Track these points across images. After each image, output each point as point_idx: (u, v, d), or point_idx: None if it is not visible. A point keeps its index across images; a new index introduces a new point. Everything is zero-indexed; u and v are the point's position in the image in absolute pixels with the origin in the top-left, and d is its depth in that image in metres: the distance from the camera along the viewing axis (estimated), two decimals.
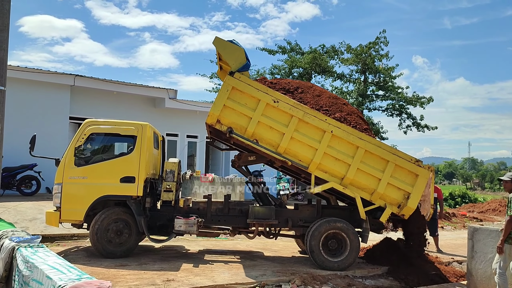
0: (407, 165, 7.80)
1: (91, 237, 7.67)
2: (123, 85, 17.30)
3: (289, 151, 7.74)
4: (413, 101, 28.31)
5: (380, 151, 7.79)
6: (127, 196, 7.79)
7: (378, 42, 27.79)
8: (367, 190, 7.85)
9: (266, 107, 7.61)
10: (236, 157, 8.51)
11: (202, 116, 20.05)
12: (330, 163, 7.76)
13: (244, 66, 7.66)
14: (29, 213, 10.73)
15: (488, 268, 6.76)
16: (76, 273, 3.73)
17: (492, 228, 6.90)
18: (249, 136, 7.64)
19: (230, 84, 7.55)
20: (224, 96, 7.55)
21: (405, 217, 7.91)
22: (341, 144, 7.74)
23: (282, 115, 7.65)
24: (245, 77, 7.64)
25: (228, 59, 7.73)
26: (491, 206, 18.82)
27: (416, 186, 7.80)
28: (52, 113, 15.62)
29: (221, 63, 8.61)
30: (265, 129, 7.67)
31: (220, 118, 7.59)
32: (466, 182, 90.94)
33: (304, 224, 8.19)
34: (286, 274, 7.20)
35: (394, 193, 7.83)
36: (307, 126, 7.69)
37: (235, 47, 7.72)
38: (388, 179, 7.76)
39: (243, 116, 7.63)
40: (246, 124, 7.62)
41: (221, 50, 7.84)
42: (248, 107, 7.62)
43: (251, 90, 7.59)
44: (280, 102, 7.63)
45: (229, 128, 7.57)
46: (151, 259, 7.90)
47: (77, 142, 7.87)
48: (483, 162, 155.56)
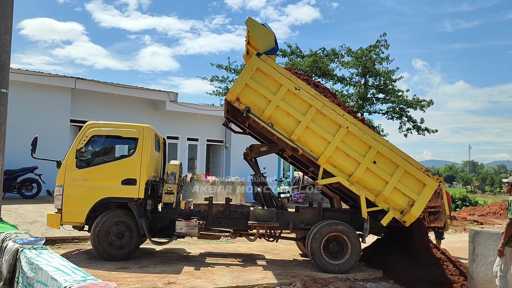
0: (416, 172, 7.82)
1: (92, 240, 7.67)
2: (124, 88, 17.32)
3: (301, 140, 7.78)
4: (413, 104, 28.34)
5: (392, 154, 7.81)
6: (129, 198, 7.80)
7: (378, 45, 27.84)
8: (373, 191, 7.86)
9: (287, 93, 7.67)
10: (248, 149, 8.54)
11: (203, 119, 20.14)
12: (341, 159, 7.80)
13: (272, 49, 7.76)
14: (30, 215, 10.73)
15: (489, 271, 6.76)
16: (81, 274, 3.73)
17: (493, 231, 6.92)
18: (265, 119, 7.68)
19: (256, 64, 7.60)
20: (247, 75, 7.61)
21: (406, 224, 7.89)
22: (354, 142, 7.79)
23: (301, 103, 7.71)
24: (271, 60, 7.72)
25: (257, 40, 7.80)
26: (492, 209, 18.80)
27: (422, 195, 7.81)
28: (53, 116, 15.62)
29: (248, 46, 8.69)
30: (282, 114, 7.72)
31: (240, 96, 7.65)
32: (466, 185, 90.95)
33: (305, 227, 8.18)
34: (287, 277, 7.19)
35: (399, 199, 7.84)
36: (324, 118, 7.74)
37: (266, 30, 7.81)
38: (395, 183, 7.77)
39: (262, 98, 7.68)
40: (264, 106, 7.68)
41: (252, 30, 7.91)
42: (269, 90, 7.67)
43: (275, 74, 7.65)
44: (301, 90, 7.69)
45: (246, 108, 7.60)
46: (152, 262, 7.90)
47: (78, 144, 7.88)
48: (484, 165, 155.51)
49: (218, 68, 35.34)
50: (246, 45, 8.83)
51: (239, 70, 35.43)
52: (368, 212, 7.79)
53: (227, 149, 20.85)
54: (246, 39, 8.63)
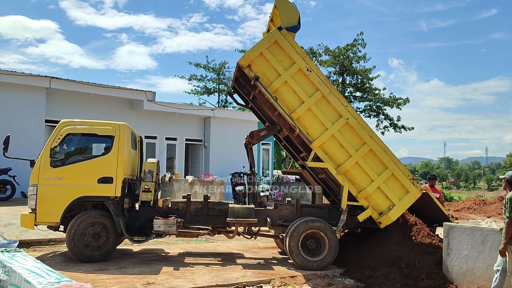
0: (403, 178, 7.98)
1: (68, 243, 7.52)
2: (100, 87, 17.04)
3: (300, 120, 7.89)
4: (390, 102, 28.76)
5: (383, 155, 7.95)
6: (105, 197, 7.68)
7: (355, 44, 28.12)
8: (357, 186, 7.98)
9: (298, 72, 7.81)
10: (248, 137, 8.64)
11: (181, 118, 20.01)
12: (334, 147, 7.94)
13: (293, 27, 7.88)
14: (4, 218, 10.49)
15: (463, 264, 6.91)
16: (55, 276, 3.68)
17: (467, 226, 7.06)
18: (271, 91, 7.77)
19: (275, 37, 7.72)
20: (264, 45, 7.71)
21: (381, 226, 8.02)
22: (351, 134, 7.93)
23: (309, 85, 7.85)
24: (290, 37, 7.82)
25: (282, 14, 7.88)
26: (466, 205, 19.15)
27: (403, 200, 7.98)
28: (27, 116, 15.28)
29: (271, 23, 8.73)
30: (288, 91, 7.83)
31: (252, 64, 7.73)
32: (442, 182, 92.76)
33: (284, 223, 8.21)
34: (266, 275, 7.20)
35: (381, 199, 7.98)
36: (327, 104, 7.89)
37: (293, 7, 7.92)
38: (380, 183, 7.92)
39: (273, 70, 7.78)
40: (273, 78, 7.78)
41: (280, 5, 7.96)
42: (281, 64, 7.78)
43: (290, 50, 7.76)
44: (312, 72, 7.82)
45: (256, 76, 7.68)
46: (131, 263, 7.80)
47: (52, 143, 7.72)
48: (458, 161, 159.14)
49: (196, 67, 35.27)
50: (269, 22, 8.89)
51: (217, 69, 35.34)
52: (347, 206, 7.87)
53: (206, 148, 20.77)
54: (270, 16, 8.71)
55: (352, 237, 9.06)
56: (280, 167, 32.86)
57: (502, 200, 14.12)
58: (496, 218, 12.18)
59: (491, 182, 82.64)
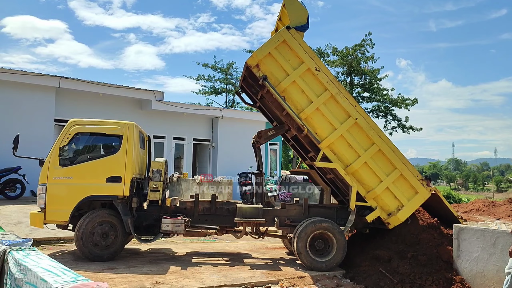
0: (412, 178, 7.92)
1: (77, 242, 7.55)
2: (109, 87, 17.13)
3: (309, 120, 7.86)
4: (398, 103, 28.59)
5: (392, 155, 7.90)
6: (113, 196, 7.69)
7: (364, 44, 27.99)
8: (366, 186, 7.93)
9: (306, 71, 7.78)
10: (256, 136, 8.60)
11: (189, 118, 20.03)
12: (342, 147, 7.90)
13: (302, 26, 7.87)
14: (14, 216, 10.56)
15: (474, 266, 6.84)
16: (71, 275, 3.67)
17: (478, 228, 6.98)
18: (279, 91, 7.75)
19: (283, 36, 7.70)
20: (273, 44, 7.69)
21: (389, 226, 7.97)
22: (360, 134, 7.90)
23: (317, 84, 7.83)
24: (299, 36, 7.80)
25: (290, 14, 7.87)
26: (475, 206, 18.96)
27: (412, 201, 7.93)
28: (37, 115, 15.41)
29: (279, 22, 8.72)
30: (296, 90, 7.81)
31: (260, 63, 7.71)
32: (450, 183, 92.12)
33: (292, 223, 8.18)
34: (275, 275, 7.17)
35: (389, 200, 7.92)
36: (336, 104, 7.86)
37: (301, 7, 7.91)
38: (389, 184, 7.87)
39: (282, 70, 7.77)
40: (281, 78, 7.76)
41: (288, 4, 7.97)
42: (290, 64, 7.76)
43: (299, 50, 7.73)
44: (321, 72, 7.80)
45: (264, 75, 7.66)
46: (139, 262, 7.81)
47: (61, 142, 7.76)
48: (467, 162, 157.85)
49: (204, 67, 35.29)
50: (277, 22, 8.87)
51: (225, 69, 35.34)
52: (355, 206, 7.83)
53: (214, 148, 20.79)
54: (279, 15, 8.69)
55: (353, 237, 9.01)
56: (287, 167, 32.80)
57: (511, 202, 13.95)
58: (506, 220, 12.05)
59: (500, 183, 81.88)
